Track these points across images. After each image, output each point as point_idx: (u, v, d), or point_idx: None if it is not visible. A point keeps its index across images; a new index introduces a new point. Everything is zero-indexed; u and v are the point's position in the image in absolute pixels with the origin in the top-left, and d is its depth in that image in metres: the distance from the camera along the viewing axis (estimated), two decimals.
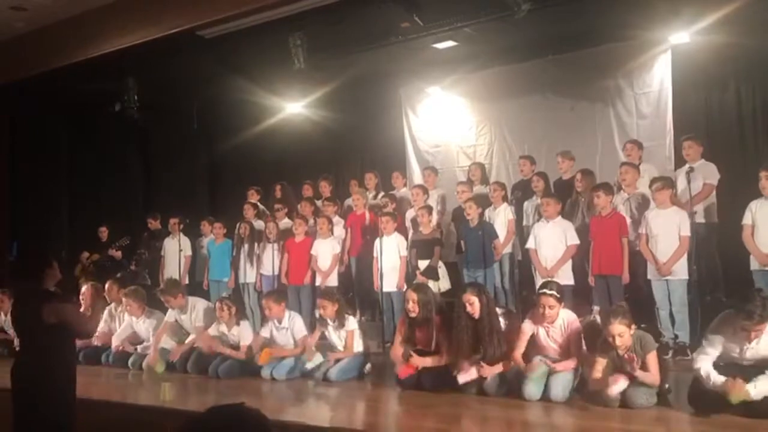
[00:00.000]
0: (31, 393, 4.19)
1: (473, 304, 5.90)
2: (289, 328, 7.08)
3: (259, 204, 9.84)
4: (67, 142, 11.92)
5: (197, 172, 12.18)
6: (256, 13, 7.53)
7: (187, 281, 9.35)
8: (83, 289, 8.12)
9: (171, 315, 7.75)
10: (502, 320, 6.00)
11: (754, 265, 6.05)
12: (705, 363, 4.79)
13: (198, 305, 7.73)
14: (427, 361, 6.07)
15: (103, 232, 10.50)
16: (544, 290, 5.65)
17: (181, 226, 9.42)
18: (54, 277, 4.48)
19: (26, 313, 4.34)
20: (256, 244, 8.99)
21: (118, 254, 9.66)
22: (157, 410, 5.71)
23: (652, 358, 5.15)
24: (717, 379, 4.69)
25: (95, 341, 8.06)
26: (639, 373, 5.07)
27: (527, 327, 5.77)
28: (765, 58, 7.86)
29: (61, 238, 11.34)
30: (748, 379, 4.62)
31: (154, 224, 10.25)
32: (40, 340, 4.24)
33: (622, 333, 5.09)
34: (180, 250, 9.24)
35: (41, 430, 4.18)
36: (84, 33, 8.83)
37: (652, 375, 5.13)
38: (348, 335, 6.80)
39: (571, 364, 5.57)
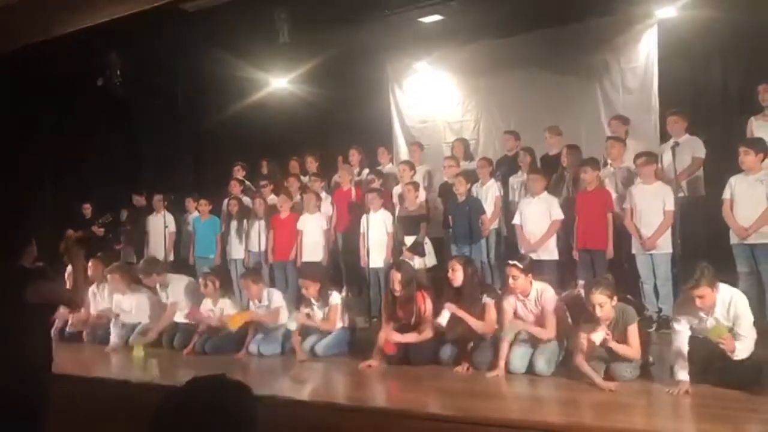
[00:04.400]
0: (6, 373, 4.01)
1: (456, 271, 5.97)
2: (268, 305, 7.11)
3: (245, 180, 9.79)
4: (49, 118, 11.75)
5: (181, 147, 12.07)
6: None
7: (172, 258, 9.33)
8: (69, 268, 8.05)
9: (163, 295, 7.77)
10: (486, 298, 6.05)
11: (733, 239, 6.09)
12: (680, 338, 4.92)
13: (173, 282, 7.73)
14: (409, 338, 6.12)
15: (87, 209, 10.42)
16: (508, 261, 5.79)
17: (166, 203, 9.37)
18: (32, 255, 4.32)
19: (5, 292, 4.10)
20: (245, 221, 8.97)
21: (101, 231, 9.58)
22: (143, 386, 5.72)
23: (632, 331, 5.20)
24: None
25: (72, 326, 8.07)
26: (614, 345, 5.11)
27: (506, 305, 5.82)
28: (751, 32, 7.84)
29: (44, 215, 11.22)
30: (719, 356, 4.74)
31: (139, 201, 10.18)
32: (18, 319, 4.04)
33: (603, 303, 5.12)
34: (165, 227, 9.20)
35: (16, 408, 4.01)
36: (65, 7, 8.66)
37: (632, 348, 5.18)
38: (331, 309, 6.79)
39: (546, 332, 5.62)
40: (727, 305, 4.78)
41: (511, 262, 5.76)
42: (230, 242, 9.04)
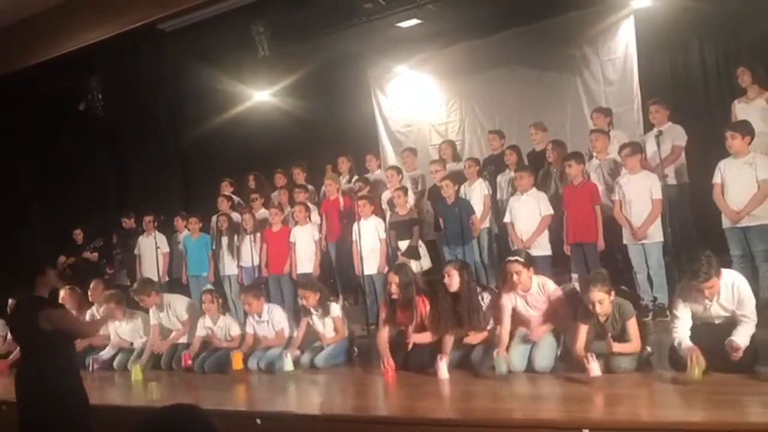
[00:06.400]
0: (36, 400, 4.20)
1: (452, 277, 5.97)
2: (269, 320, 7.11)
3: (233, 196, 9.77)
4: (34, 144, 11.70)
5: (168, 167, 12.04)
6: (214, 3, 7.41)
7: (167, 279, 9.29)
8: (62, 293, 8.03)
9: (154, 317, 7.73)
10: (486, 297, 6.06)
11: (725, 223, 6.12)
12: (680, 331, 4.94)
13: (174, 302, 7.75)
14: (426, 337, 6.12)
15: (78, 235, 10.37)
16: (509, 258, 5.77)
17: (156, 224, 9.35)
18: (46, 285, 4.49)
19: (23, 321, 4.35)
20: (235, 236, 8.96)
21: (94, 256, 9.54)
22: (144, 410, 5.69)
23: (632, 325, 5.25)
24: (686, 343, 4.86)
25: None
26: (617, 347, 5.15)
27: (506, 301, 5.83)
28: (725, 16, 7.90)
29: (34, 242, 11.18)
30: (722, 337, 4.77)
31: (128, 223, 10.14)
32: (39, 347, 4.27)
33: (602, 300, 5.18)
34: (157, 248, 9.17)
35: None
36: (43, 33, 8.64)
37: (632, 344, 5.21)
38: (336, 321, 6.86)
39: (544, 327, 5.65)
40: (731, 289, 4.83)
41: (512, 258, 5.75)
42: (222, 259, 9.02)
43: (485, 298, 6.07)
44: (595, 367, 4.93)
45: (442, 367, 5.69)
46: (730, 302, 4.84)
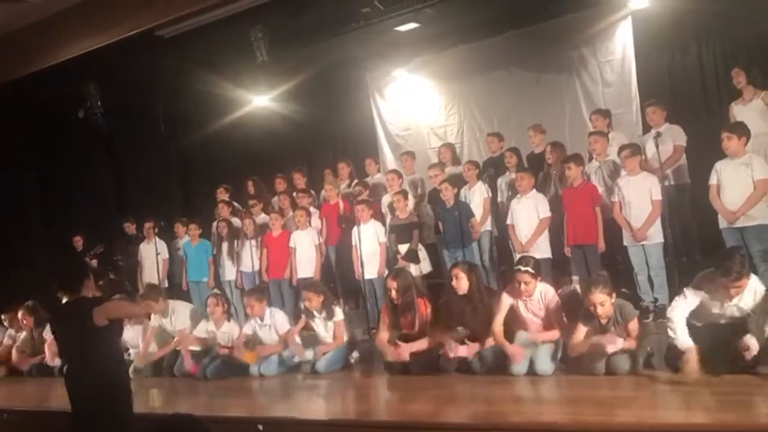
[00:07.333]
0: (93, 397, 4.30)
1: (460, 279, 5.96)
2: (271, 324, 7.11)
3: (233, 201, 9.79)
4: (34, 153, 11.72)
5: (167, 173, 12.05)
6: (212, 10, 7.41)
7: (166, 284, 9.30)
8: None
9: (155, 319, 7.74)
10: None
11: (722, 223, 6.13)
12: (678, 312, 4.94)
13: (178, 308, 7.77)
14: (414, 347, 6.10)
15: (78, 242, 10.37)
16: (519, 267, 5.77)
17: (156, 230, 9.36)
18: (90, 287, 4.63)
19: (76, 321, 4.42)
20: (236, 242, 8.96)
21: (94, 263, 9.54)
22: (146, 417, 5.69)
23: (633, 325, 5.25)
24: (684, 339, 4.83)
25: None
26: (623, 343, 5.16)
27: (506, 298, 5.86)
28: (723, 16, 7.91)
29: (35, 251, 11.18)
30: (725, 339, 4.77)
31: (130, 229, 10.16)
32: (94, 344, 4.37)
33: (603, 302, 5.18)
34: (157, 254, 9.18)
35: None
36: (41, 41, 8.65)
37: (629, 341, 5.24)
38: (336, 326, 6.86)
39: (554, 334, 5.64)
40: (753, 293, 4.84)
41: (522, 268, 5.73)
42: (223, 264, 9.02)
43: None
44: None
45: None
46: (748, 306, 4.84)
